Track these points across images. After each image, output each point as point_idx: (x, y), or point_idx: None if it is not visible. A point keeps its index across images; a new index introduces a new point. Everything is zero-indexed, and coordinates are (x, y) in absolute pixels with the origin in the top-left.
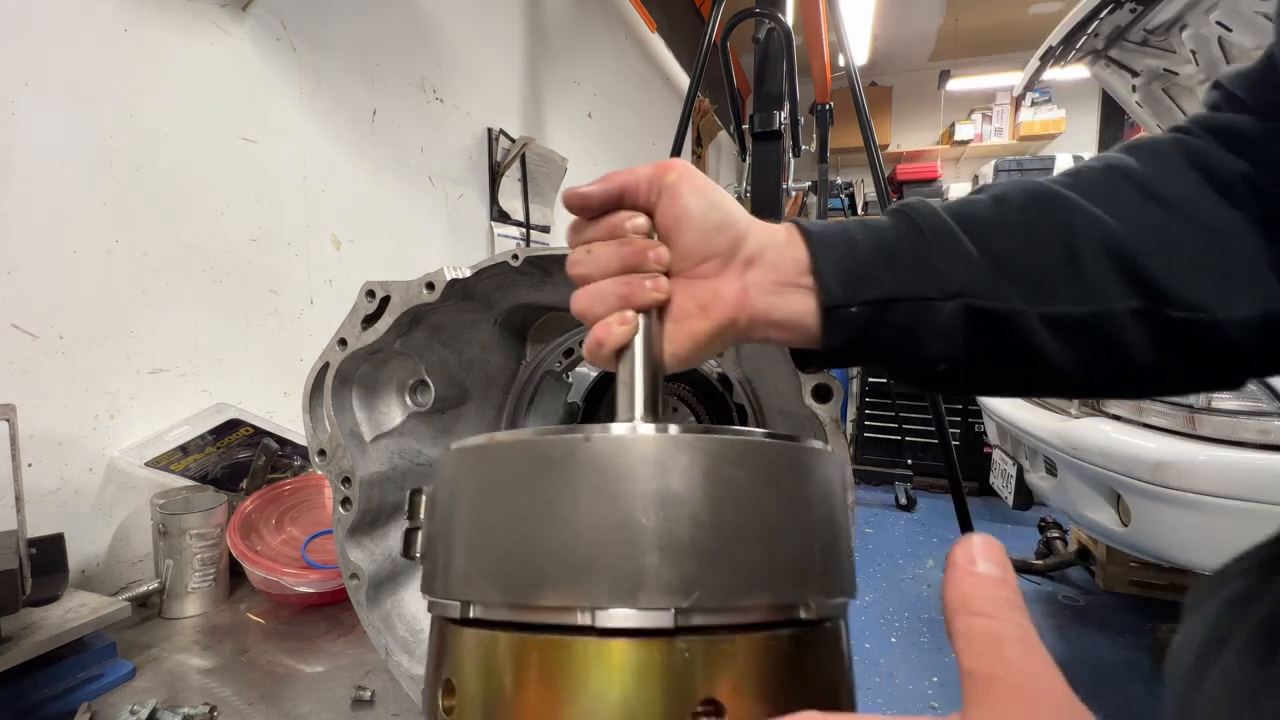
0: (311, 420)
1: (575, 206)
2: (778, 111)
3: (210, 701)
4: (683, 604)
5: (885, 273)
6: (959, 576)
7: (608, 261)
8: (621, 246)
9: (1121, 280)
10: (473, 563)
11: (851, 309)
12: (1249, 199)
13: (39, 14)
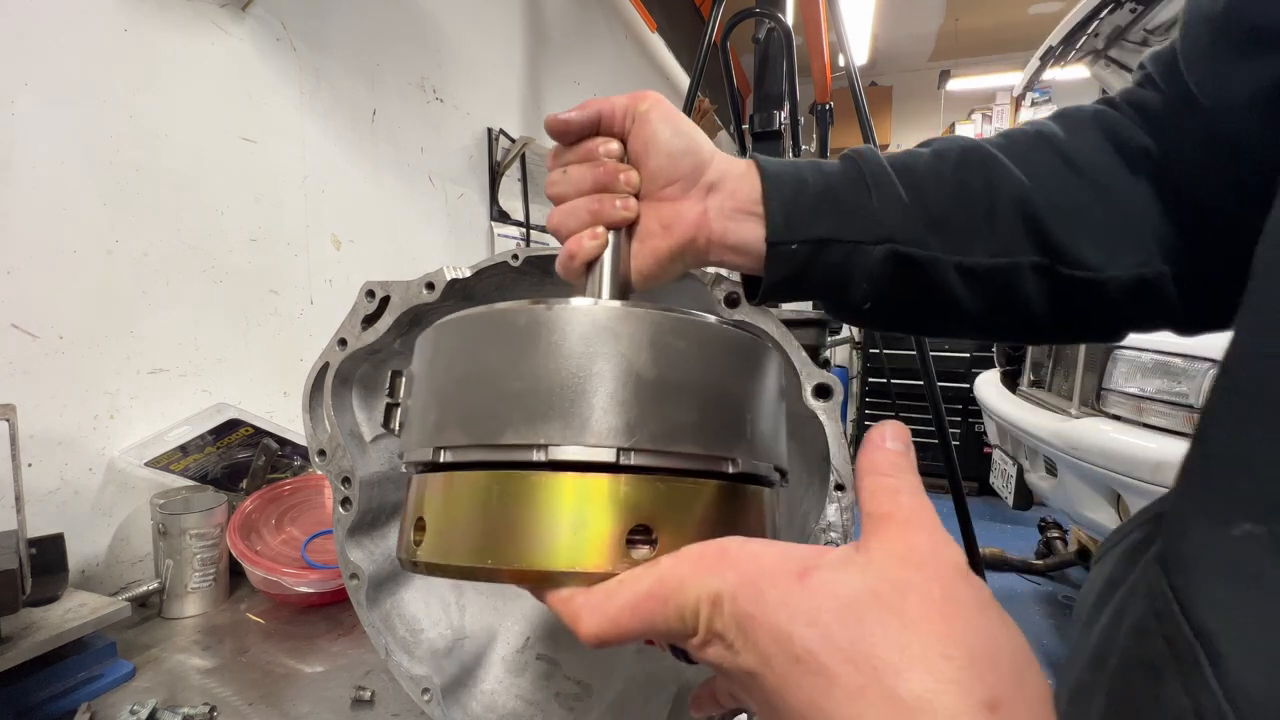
0: (311, 420)
1: (555, 131)
2: (778, 111)
3: (210, 701)
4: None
5: (826, 215)
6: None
7: (581, 181)
8: (595, 168)
9: (1027, 236)
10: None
11: (791, 246)
12: (1149, 170)
13: (39, 14)
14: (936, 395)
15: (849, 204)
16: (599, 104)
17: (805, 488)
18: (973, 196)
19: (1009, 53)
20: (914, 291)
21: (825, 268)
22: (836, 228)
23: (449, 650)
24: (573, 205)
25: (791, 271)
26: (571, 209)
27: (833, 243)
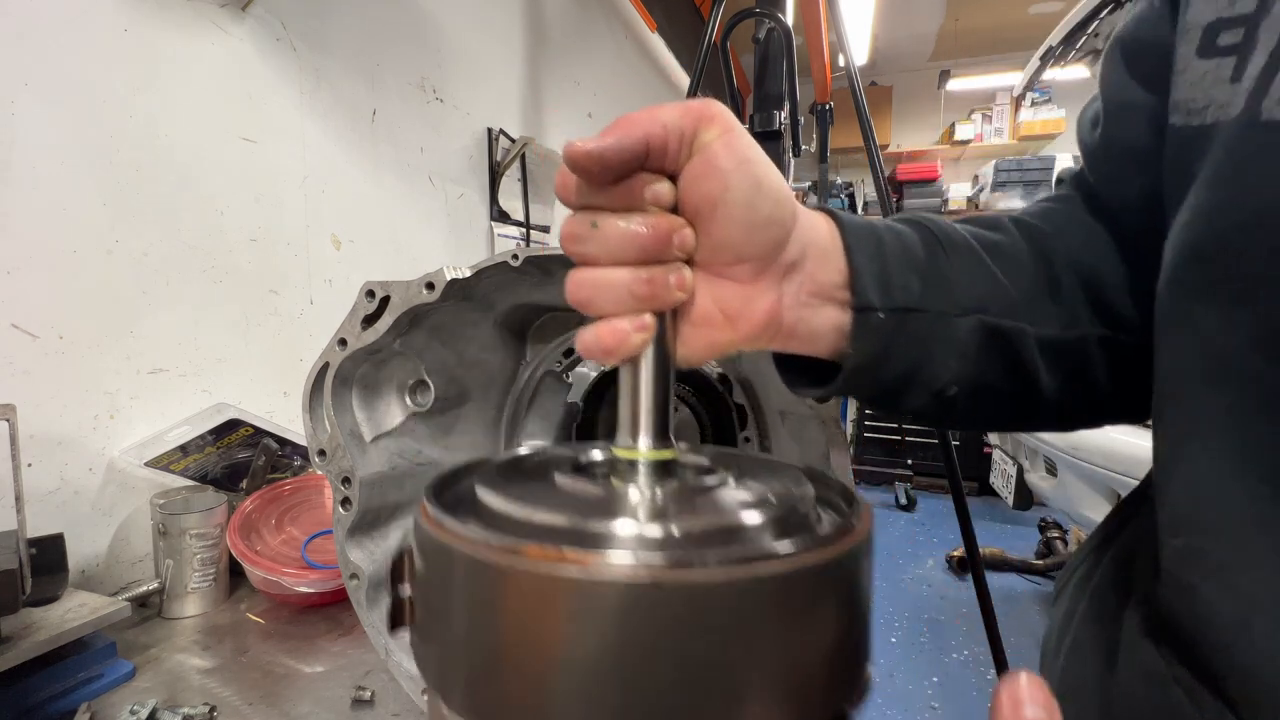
0: (311, 420)
1: (584, 167)
2: (778, 111)
3: (210, 701)
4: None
5: (912, 278)
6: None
7: (622, 245)
8: (640, 226)
9: (1090, 307)
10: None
11: (879, 314)
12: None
13: (39, 14)
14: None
15: (930, 268)
16: (645, 124)
17: None
18: (1037, 267)
19: (1009, 53)
20: (999, 370)
21: (908, 343)
22: (923, 295)
23: None
24: (609, 279)
25: (878, 348)
26: (607, 282)
27: (918, 313)
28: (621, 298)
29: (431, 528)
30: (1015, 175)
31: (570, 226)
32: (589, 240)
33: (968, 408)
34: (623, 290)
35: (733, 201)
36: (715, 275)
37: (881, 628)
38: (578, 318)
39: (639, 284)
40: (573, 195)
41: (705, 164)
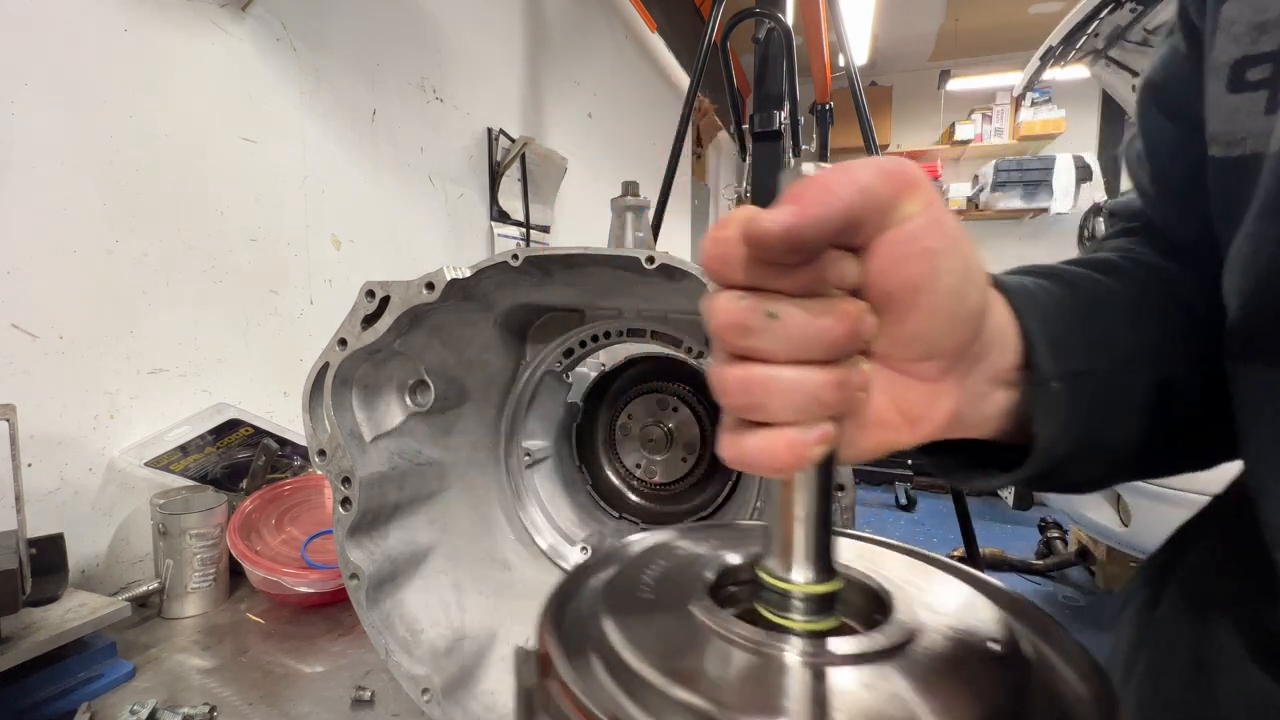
0: (311, 420)
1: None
2: (778, 111)
3: (210, 701)
4: None
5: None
6: None
7: (807, 342)
8: (830, 319)
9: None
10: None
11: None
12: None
13: (39, 14)
14: None
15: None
16: (846, 192)
17: None
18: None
19: (1009, 53)
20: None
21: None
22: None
23: (449, 650)
24: (787, 381)
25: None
26: (785, 386)
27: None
28: (804, 404)
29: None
30: (1015, 175)
31: (736, 314)
32: (763, 334)
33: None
34: (807, 396)
35: (939, 290)
36: (895, 370)
37: None
38: (577, 317)
39: (828, 389)
40: (739, 274)
41: (909, 242)
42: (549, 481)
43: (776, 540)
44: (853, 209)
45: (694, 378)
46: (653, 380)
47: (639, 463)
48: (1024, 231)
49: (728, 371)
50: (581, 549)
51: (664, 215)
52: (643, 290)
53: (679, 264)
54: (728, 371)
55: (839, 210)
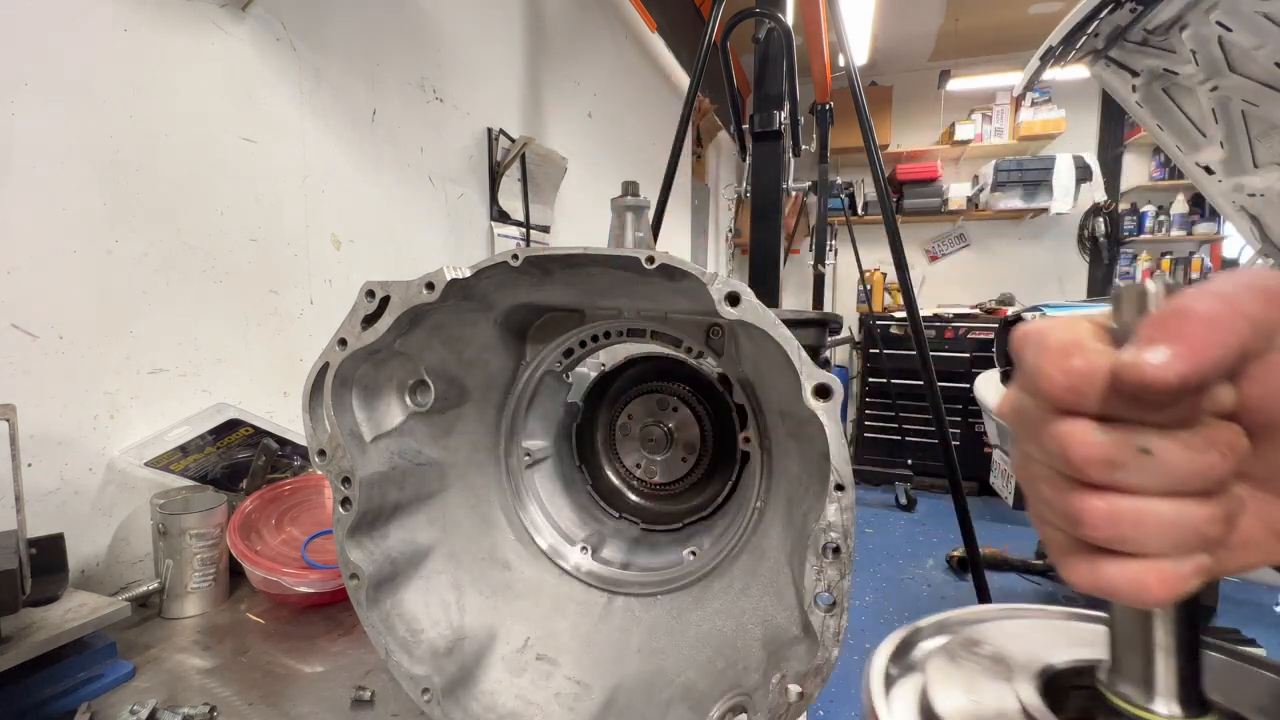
0: (311, 420)
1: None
2: (778, 111)
3: (210, 701)
4: None
5: None
6: None
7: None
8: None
9: None
10: None
11: None
12: None
13: (39, 14)
14: (936, 395)
15: None
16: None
17: (804, 488)
18: None
19: (1009, 53)
20: None
21: None
22: None
23: (449, 650)
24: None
25: None
26: (1160, 521)
27: None
28: (1182, 539)
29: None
30: (1015, 175)
31: (1102, 449)
32: (1136, 470)
33: None
34: (1186, 532)
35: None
36: (1265, 490)
37: (881, 627)
38: (577, 317)
39: (1210, 524)
40: (1098, 405)
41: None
42: (549, 481)
43: (1134, 665)
44: (1246, 347)
45: (694, 378)
46: (653, 380)
47: (639, 462)
48: (1024, 231)
49: (1089, 502)
50: (581, 549)
51: (664, 215)
52: (643, 290)
53: (679, 264)
54: (1089, 502)
55: (1233, 351)
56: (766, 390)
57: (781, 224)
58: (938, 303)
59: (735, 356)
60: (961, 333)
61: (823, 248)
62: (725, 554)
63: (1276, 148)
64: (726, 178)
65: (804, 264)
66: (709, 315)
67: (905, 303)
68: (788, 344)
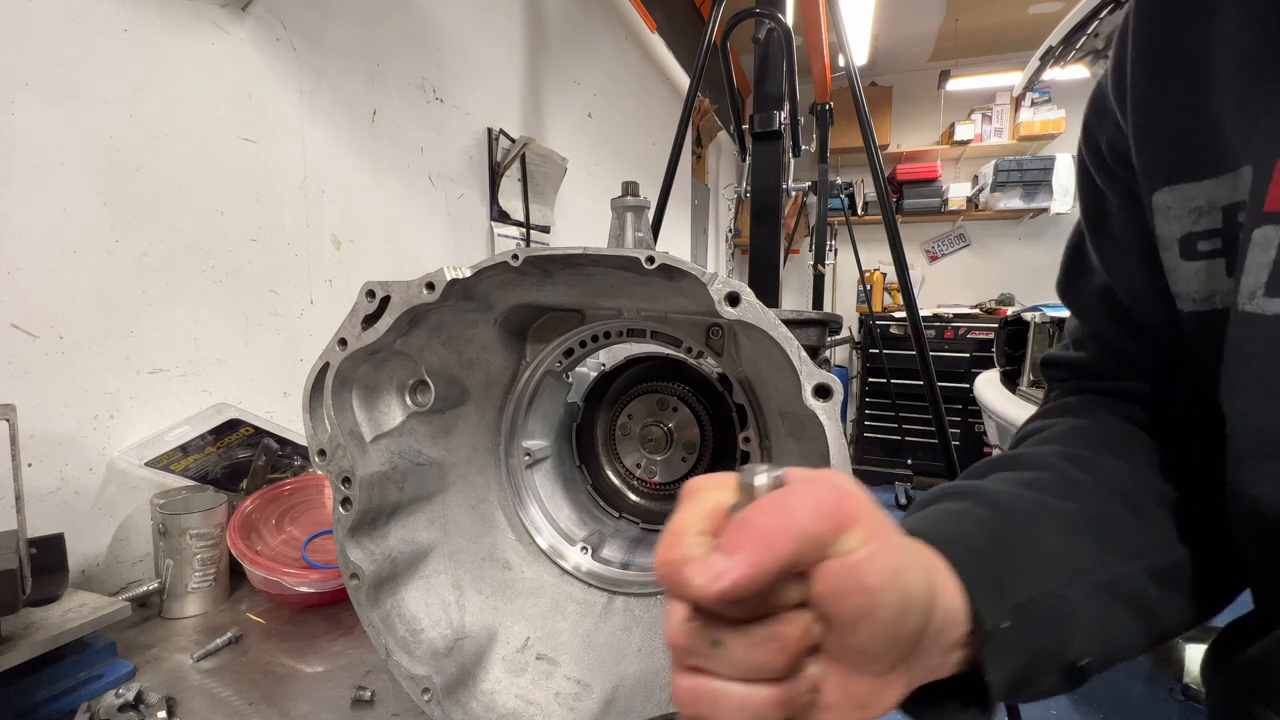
0: (311, 420)
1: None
2: (778, 111)
3: (210, 701)
4: None
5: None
6: None
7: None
8: (772, 645)
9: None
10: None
11: (1003, 625)
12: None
13: (39, 14)
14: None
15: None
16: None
17: None
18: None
19: (1009, 53)
20: (1119, 621)
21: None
22: (1028, 583)
23: (449, 650)
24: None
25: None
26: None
27: (1033, 602)
28: (755, 716)
29: None
30: (1015, 175)
31: (683, 639)
32: (709, 658)
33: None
34: (752, 711)
35: (878, 620)
36: (845, 667)
37: None
38: (577, 317)
39: (772, 707)
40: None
41: (848, 577)
42: (549, 481)
43: None
44: (791, 560)
45: (694, 378)
46: (653, 380)
47: (639, 462)
48: (1023, 231)
49: (680, 681)
50: (581, 548)
51: (664, 215)
52: (643, 290)
53: (679, 264)
54: (680, 681)
55: (777, 565)
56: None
57: (781, 224)
58: (938, 303)
59: (735, 356)
60: (961, 333)
61: (823, 248)
62: None
63: None
64: (726, 178)
65: (804, 264)
66: (709, 315)
67: (905, 303)
68: (788, 344)
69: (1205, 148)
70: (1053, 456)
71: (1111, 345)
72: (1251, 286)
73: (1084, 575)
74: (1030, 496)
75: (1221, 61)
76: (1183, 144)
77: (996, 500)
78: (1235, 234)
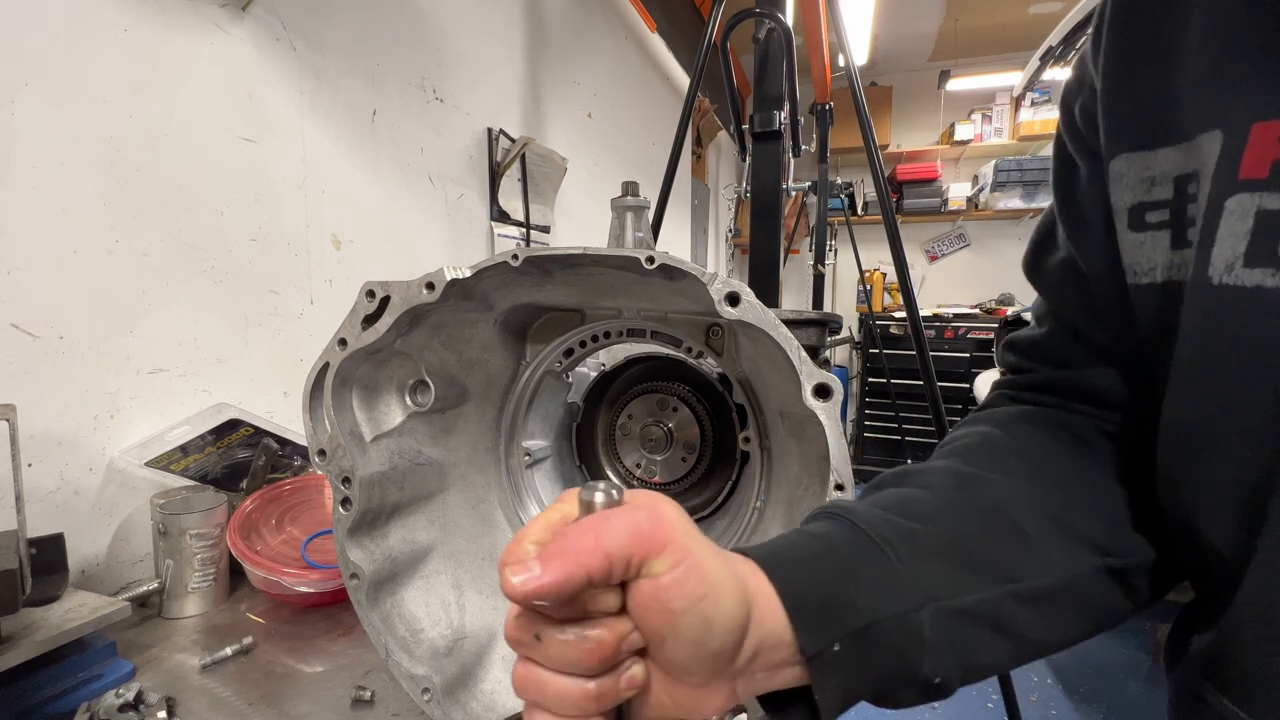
0: (311, 420)
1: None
2: (778, 111)
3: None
4: None
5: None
6: None
7: (566, 660)
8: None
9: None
10: None
11: (834, 648)
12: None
13: (39, 14)
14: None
15: (870, 573)
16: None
17: (804, 488)
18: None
19: (1009, 53)
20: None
21: (876, 659)
22: (873, 607)
23: (449, 650)
24: (555, 685)
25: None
26: (554, 690)
27: (876, 626)
28: (568, 706)
29: None
30: (1015, 175)
31: (512, 629)
32: (533, 650)
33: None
34: (569, 701)
35: (681, 639)
36: (667, 678)
37: None
38: (577, 317)
39: (586, 698)
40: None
41: (653, 598)
42: (549, 481)
43: None
44: (591, 571)
45: (694, 378)
46: (653, 380)
47: (639, 462)
48: (1023, 231)
49: (516, 668)
50: None
51: (664, 215)
52: (643, 290)
53: (679, 264)
54: (516, 668)
55: (577, 577)
56: (766, 390)
57: (781, 224)
58: (938, 303)
59: (735, 356)
60: (961, 333)
61: (822, 248)
62: None
63: None
64: (726, 178)
65: (804, 264)
66: (709, 315)
67: (905, 303)
68: (788, 344)
69: (1165, 114)
70: (943, 474)
71: (1070, 322)
72: (1228, 258)
73: (936, 600)
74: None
75: (1196, 24)
76: (1143, 110)
77: (859, 522)
78: (1184, 206)
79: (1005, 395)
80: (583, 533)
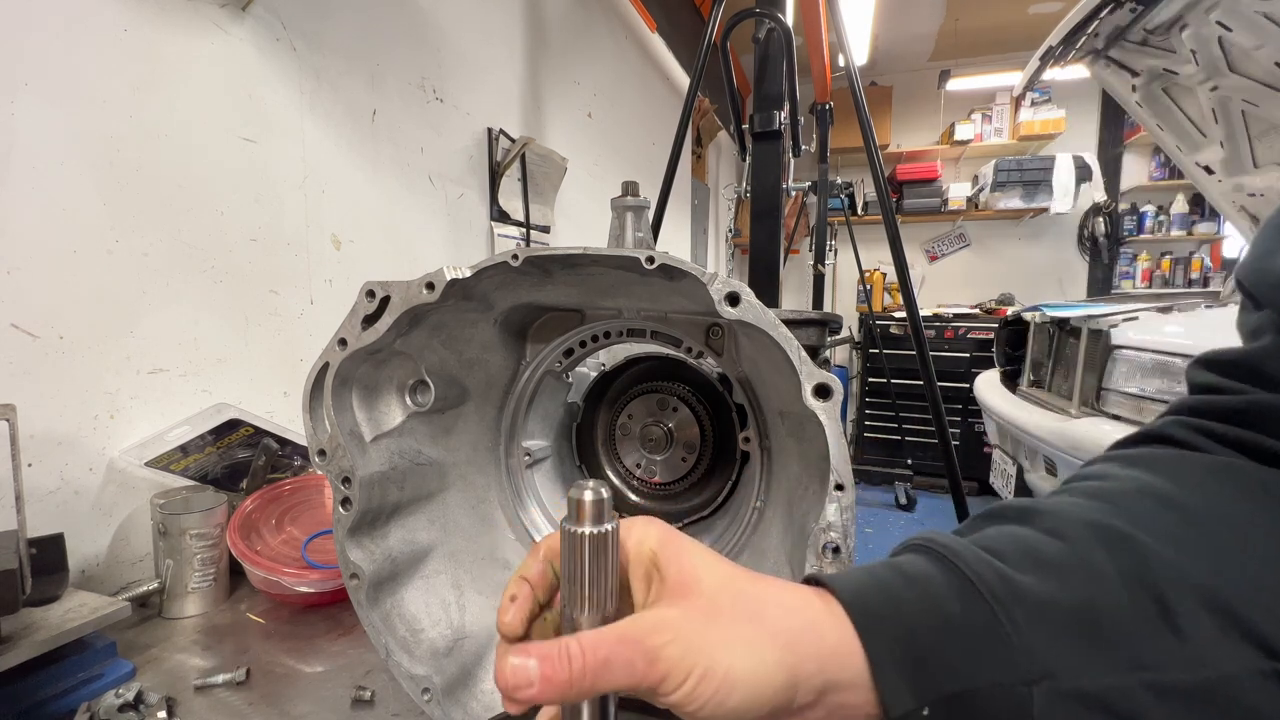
0: (311, 420)
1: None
2: (778, 111)
3: (210, 701)
4: None
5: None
6: None
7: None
8: None
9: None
10: None
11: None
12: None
13: (39, 14)
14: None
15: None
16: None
17: (804, 488)
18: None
19: (1009, 53)
20: None
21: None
22: (972, 672)
23: (449, 650)
24: None
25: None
26: None
27: (975, 694)
28: None
29: None
30: (1015, 175)
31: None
32: None
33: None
34: None
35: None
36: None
37: None
38: (577, 317)
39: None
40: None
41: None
42: (549, 481)
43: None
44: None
45: (694, 378)
46: (653, 380)
47: (639, 462)
48: (1024, 231)
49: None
50: None
51: (664, 215)
52: (643, 290)
53: (679, 264)
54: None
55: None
56: (766, 390)
57: (781, 224)
58: (938, 303)
59: (735, 356)
60: (961, 333)
61: (823, 248)
62: (726, 554)
63: (1276, 147)
64: (726, 178)
65: (804, 264)
66: (709, 315)
67: (905, 303)
68: (788, 344)
69: None
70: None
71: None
72: None
73: (1052, 677)
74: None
75: None
76: None
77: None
78: None
79: (1189, 427)
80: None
